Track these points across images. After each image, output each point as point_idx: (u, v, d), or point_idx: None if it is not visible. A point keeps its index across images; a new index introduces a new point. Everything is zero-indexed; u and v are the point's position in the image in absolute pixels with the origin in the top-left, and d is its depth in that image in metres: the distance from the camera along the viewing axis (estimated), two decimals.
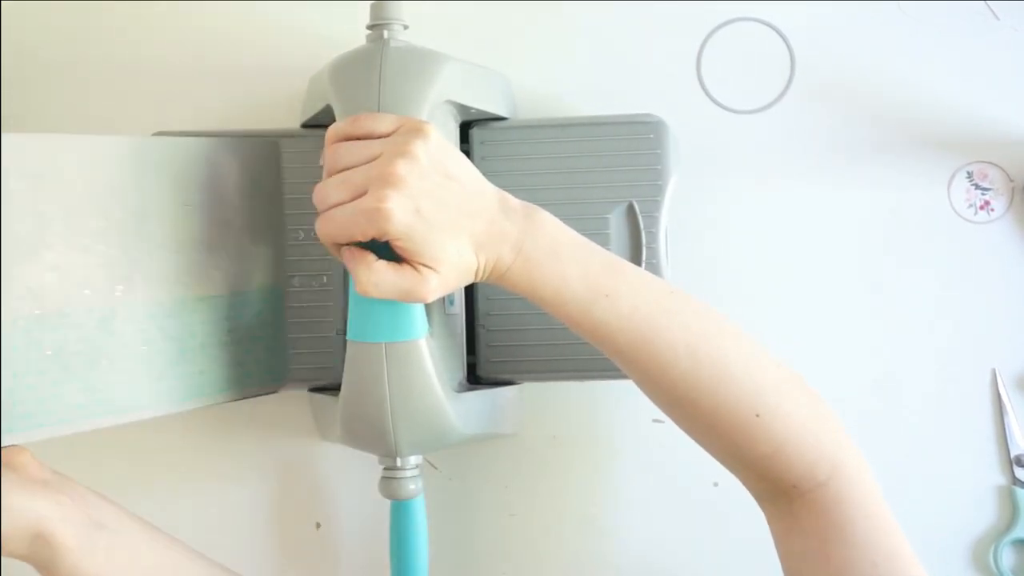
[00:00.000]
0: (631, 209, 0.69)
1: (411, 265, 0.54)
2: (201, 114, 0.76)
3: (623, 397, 0.74)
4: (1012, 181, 0.74)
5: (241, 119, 0.75)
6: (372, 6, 0.64)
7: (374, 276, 0.53)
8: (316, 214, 0.55)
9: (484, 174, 0.70)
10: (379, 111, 0.59)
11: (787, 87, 0.75)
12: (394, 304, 0.57)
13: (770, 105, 0.75)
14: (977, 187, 0.74)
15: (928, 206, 0.75)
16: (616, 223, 0.69)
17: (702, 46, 0.75)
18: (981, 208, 0.75)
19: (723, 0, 0.75)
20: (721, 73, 0.75)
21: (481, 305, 0.70)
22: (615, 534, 0.75)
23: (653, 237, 0.69)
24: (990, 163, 0.75)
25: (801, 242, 0.76)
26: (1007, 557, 0.73)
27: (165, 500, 0.75)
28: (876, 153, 0.75)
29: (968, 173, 0.75)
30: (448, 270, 0.54)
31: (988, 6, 0.75)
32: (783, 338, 0.71)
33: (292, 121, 0.73)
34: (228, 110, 0.76)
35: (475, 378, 0.70)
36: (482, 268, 0.56)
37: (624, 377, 0.69)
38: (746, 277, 0.76)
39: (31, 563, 0.53)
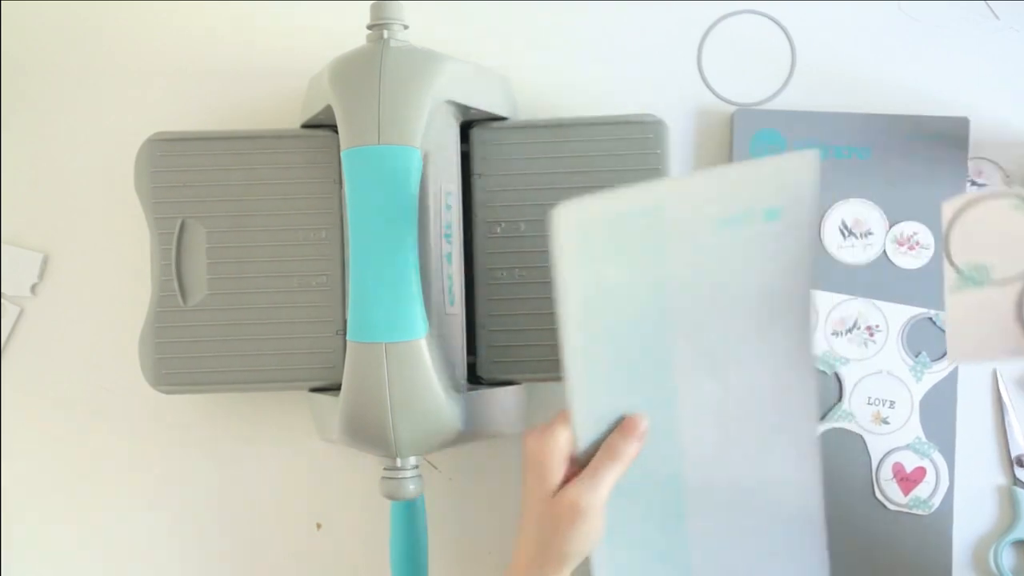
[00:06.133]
0: None
1: None
2: (201, 114, 0.76)
3: None
4: (1010, 179, 0.74)
5: (241, 119, 0.75)
6: (372, 6, 0.65)
7: None
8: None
9: (484, 174, 0.70)
10: (379, 111, 0.60)
11: (787, 80, 0.75)
12: (394, 304, 0.57)
13: (771, 98, 0.75)
14: (974, 184, 0.74)
15: None
16: None
17: (703, 40, 0.75)
18: None
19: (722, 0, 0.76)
20: (722, 66, 0.75)
21: (481, 305, 0.70)
22: None
23: None
24: (988, 161, 0.74)
25: None
26: (1007, 558, 0.73)
27: (166, 500, 0.75)
28: None
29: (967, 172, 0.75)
30: None
31: (988, 6, 0.75)
32: None
33: (292, 121, 0.73)
34: (228, 110, 0.76)
35: (475, 378, 0.70)
36: None
37: None
38: None
39: None
